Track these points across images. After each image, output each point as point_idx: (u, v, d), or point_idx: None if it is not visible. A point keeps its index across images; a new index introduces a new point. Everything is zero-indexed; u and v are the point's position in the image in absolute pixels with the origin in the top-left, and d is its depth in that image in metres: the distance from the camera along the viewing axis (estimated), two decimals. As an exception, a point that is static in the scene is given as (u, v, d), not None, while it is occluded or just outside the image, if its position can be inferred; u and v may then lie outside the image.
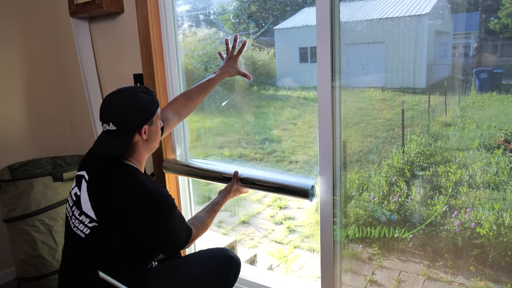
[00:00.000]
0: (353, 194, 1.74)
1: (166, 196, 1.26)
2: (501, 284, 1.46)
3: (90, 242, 1.22)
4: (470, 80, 1.52)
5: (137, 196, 1.23)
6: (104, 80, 2.17)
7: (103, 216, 1.22)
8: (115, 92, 1.29)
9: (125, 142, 1.26)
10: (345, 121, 1.55)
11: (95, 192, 1.25)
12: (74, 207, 1.27)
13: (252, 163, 2.28)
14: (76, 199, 1.27)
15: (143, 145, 1.31)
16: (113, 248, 1.23)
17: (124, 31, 2.00)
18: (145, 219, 1.22)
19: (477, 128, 1.57)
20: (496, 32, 1.39)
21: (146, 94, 1.31)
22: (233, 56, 1.67)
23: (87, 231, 1.22)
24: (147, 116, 1.29)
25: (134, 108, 1.26)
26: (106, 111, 1.26)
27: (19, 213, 1.91)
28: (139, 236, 1.23)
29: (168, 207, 1.26)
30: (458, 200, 1.56)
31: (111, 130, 1.24)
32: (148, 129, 1.30)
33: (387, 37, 1.64)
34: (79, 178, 1.30)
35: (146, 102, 1.29)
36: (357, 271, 1.73)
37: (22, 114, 2.28)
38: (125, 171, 1.27)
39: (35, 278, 1.95)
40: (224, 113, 2.32)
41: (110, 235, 1.22)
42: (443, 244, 1.58)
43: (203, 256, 1.37)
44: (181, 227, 1.34)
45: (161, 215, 1.25)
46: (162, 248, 1.31)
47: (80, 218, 1.24)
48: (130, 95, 1.27)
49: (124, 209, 1.21)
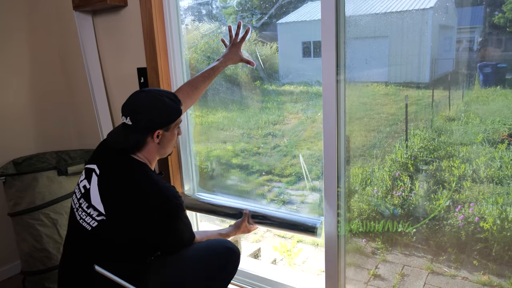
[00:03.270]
0: (356, 188, 1.74)
1: (176, 197, 1.28)
2: (504, 278, 1.47)
3: (95, 235, 1.23)
4: (474, 75, 1.51)
5: (148, 194, 1.24)
6: (108, 74, 2.17)
7: (112, 210, 1.23)
8: (143, 90, 1.33)
9: (137, 139, 1.29)
10: (348, 115, 1.55)
11: (106, 186, 1.26)
12: (82, 200, 1.28)
13: (255, 158, 2.28)
14: (85, 191, 1.28)
15: (154, 147, 1.32)
16: (117, 242, 1.24)
17: (127, 24, 1.99)
18: (152, 217, 1.23)
19: (481, 123, 1.57)
20: (500, 26, 1.38)
21: (171, 100, 1.32)
22: (237, 43, 1.66)
23: (94, 224, 1.23)
24: (164, 121, 1.31)
25: (153, 110, 1.28)
26: (128, 105, 1.30)
27: (24, 207, 1.92)
28: (144, 233, 1.24)
29: (177, 208, 1.27)
30: (462, 195, 1.57)
31: (127, 125, 1.28)
32: (162, 134, 1.31)
33: (391, 31, 1.64)
34: (89, 171, 1.31)
35: (167, 108, 1.31)
36: (361, 265, 1.74)
37: (26, 109, 2.28)
38: (137, 168, 1.29)
39: (40, 272, 1.96)
40: (227, 107, 2.32)
41: (116, 230, 1.23)
42: (447, 239, 1.58)
43: (202, 248, 1.37)
44: (186, 230, 1.35)
45: (169, 215, 1.26)
46: (163, 247, 1.32)
47: (88, 211, 1.25)
48: (154, 97, 1.29)
49: (133, 205, 1.22)
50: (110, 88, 2.19)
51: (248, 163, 2.29)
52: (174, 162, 2.07)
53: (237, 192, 2.25)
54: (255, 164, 2.30)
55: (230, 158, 2.34)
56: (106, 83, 2.19)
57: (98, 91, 2.17)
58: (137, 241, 1.25)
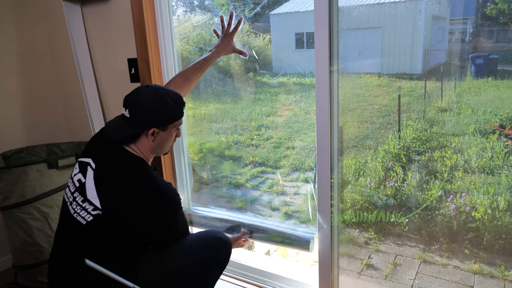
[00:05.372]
0: (349, 179, 1.75)
1: (174, 195, 1.27)
2: (495, 267, 1.49)
3: (90, 229, 1.22)
4: (466, 66, 1.52)
5: (145, 191, 1.23)
6: (98, 65, 2.14)
7: (108, 205, 1.21)
8: (149, 85, 1.32)
9: (132, 133, 1.28)
10: (341, 106, 1.55)
11: (102, 181, 1.24)
12: (76, 193, 1.26)
13: (248, 149, 2.28)
14: (80, 185, 1.26)
15: (148, 144, 1.31)
16: (112, 237, 1.23)
17: (117, 14, 1.96)
18: (149, 214, 1.23)
19: (473, 114, 1.58)
20: (492, 17, 1.38)
21: (174, 101, 1.30)
22: (229, 34, 1.64)
23: (89, 218, 1.22)
24: (161, 120, 1.29)
25: (152, 107, 1.27)
26: (129, 97, 1.30)
27: (14, 201, 1.89)
28: (140, 229, 1.24)
29: (175, 206, 1.26)
30: (454, 185, 1.58)
31: (126, 117, 1.28)
32: (158, 133, 1.30)
33: (384, 22, 1.64)
34: (84, 165, 1.29)
35: (167, 108, 1.29)
36: (354, 255, 1.75)
37: (15, 101, 2.24)
38: (134, 164, 1.27)
39: (32, 266, 1.94)
40: (220, 99, 2.31)
41: (112, 225, 1.22)
42: (439, 228, 1.60)
43: (193, 240, 1.36)
44: (182, 228, 1.35)
45: (167, 213, 1.26)
46: (158, 243, 1.31)
47: (83, 205, 1.23)
48: (156, 95, 1.28)
49: (130, 202, 1.21)
50: (100, 79, 2.16)
51: (241, 155, 2.28)
52: (167, 155, 2.05)
53: (230, 184, 2.25)
54: (248, 156, 2.30)
55: (223, 150, 2.33)
56: (96, 74, 2.16)
57: (88, 82, 2.13)
58: (132, 236, 1.24)
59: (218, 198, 2.30)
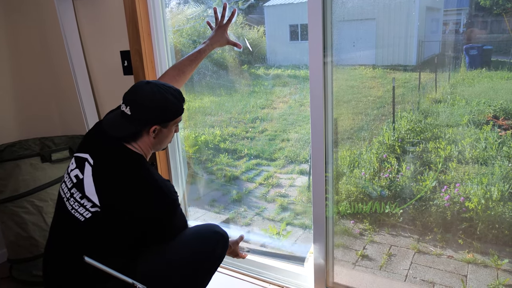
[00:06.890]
0: (344, 171, 1.76)
1: (172, 192, 1.26)
2: (488, 256, 1.51)
3: (88, 226, 1.21)
4: (460, 57, 1.52)
5: (144, 189, 1.22)
6: (91, 58, 2.12)
7: (107, 202, 1.20)
8: (149, 82, 1.29)
9: (133, 131, 1.26)
10: (336, 98, 1.54)
11: (101, 178, 1.23)
12: (74, 189, 1.25)
13: (243, 142, 2.28)
14: (77, 181, 1.25)
15: (149, 141, 1.30)
16: (110, 234, 1.22)
17: (109, 6, 1.93)
18: (148, 212, 1.22)
19: (467, 105, 1.59)
20: (486, 8, 1.38)
21: (174, 98, 1.29)
22: (223, 25, 1.62)
23: (87, 215, 1.21)
24: (162, 118, 1.28)
25: (154, 105, 1.25)
26: (129, 94, 1.27)
27: (7, 195, 1.88)
28: (138, 227, 1.23)
29: (173, 203, 1.26)
30: (448, 176, 1.59)
31: (126, 114, 1.25)
32: (159, 130, 1.29)
33: (379, 14, 1.63)
34: (81, 160, 1.28)
35: (168, 106, 1.28)
36: (349, 246, 1.76)
37: (7, 95, 2.22)
38: (133, 161, 1.26)
39: (27, 260, 1.94)
40: (214, 92, 2.30)
41: (110, 222, 1.21)
42: (433, 219, 1.61)
43: (190, 234, 1.36)
44: (180, 225, 1.34)
45: (165, 211, 1.25)
46: (156, 241, 1.31)
47: (81, 202, 1.22)
48: (158, 91, 1.26)
49: (129, 199, 1.20)
50: (93, 72, 2.14)
51: (236, 148, 2.28)
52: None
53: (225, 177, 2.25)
54: (243, 148, 2.30)
55: (218, 142, 2.32)
56: (89, 66, 2.13)
57: (81, 75, 2.11)
58: (130, 233, 1.24)
59: (213, 191, 2.30)
